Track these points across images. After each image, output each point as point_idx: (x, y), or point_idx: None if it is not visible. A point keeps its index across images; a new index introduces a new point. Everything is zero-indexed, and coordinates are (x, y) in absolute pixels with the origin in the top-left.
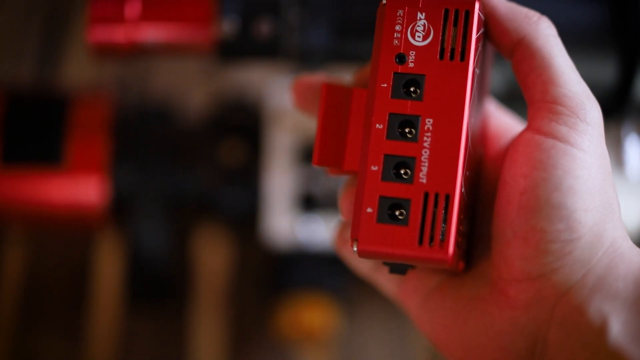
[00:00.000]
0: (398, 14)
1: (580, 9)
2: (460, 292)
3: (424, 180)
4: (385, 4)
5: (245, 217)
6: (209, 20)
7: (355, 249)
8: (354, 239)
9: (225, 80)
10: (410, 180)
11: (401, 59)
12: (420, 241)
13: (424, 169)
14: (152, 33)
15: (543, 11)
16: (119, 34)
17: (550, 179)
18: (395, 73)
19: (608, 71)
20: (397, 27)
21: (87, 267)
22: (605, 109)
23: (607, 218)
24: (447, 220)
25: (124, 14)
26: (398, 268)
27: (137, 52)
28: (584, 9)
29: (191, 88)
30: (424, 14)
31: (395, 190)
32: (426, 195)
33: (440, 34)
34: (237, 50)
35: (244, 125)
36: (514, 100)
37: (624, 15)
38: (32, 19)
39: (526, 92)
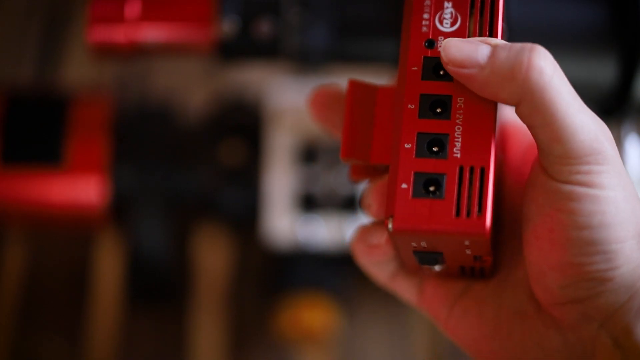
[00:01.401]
0: (425, 3)
1: (580, 9)
2: (501, 301)
3: (458, 155)
4: None
5: (245, 217)
6: (209, 20)
7: (390, 226)
8: (389, 215)
9: (225, 80)
10: (445, 155)
11: (430, 44)
12: (458, 213)
13: (458, 144)
14: (152, 33)
15: (544, 11)
16: (119, 34)
17: (577, 219)
18: (425, 57)
19: (608, 71)
20: (425, 16)
21: (87, 267)
22: (605, 109)
23: None
24: (482, 193)
25: (124, 14)
26: (429, 258)
27: (137, 52)
28: (584, 9)
29: (191, 88)
30: (450, 2)
31: (430, 165)
32: (461, 169)
33: (468, 19)
34: (237, 50)
35: (244, 125)
36: None
37: (624, 15)
38: (32, 19)
39: (535, 138)
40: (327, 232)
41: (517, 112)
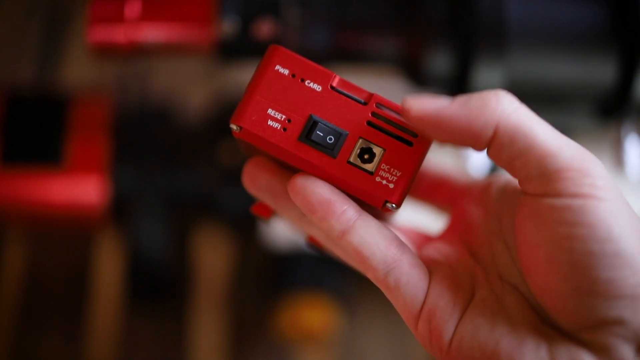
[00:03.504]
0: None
1: (581, 8)
2: (511, 319)
3: None
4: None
5: (245, 217)
6: (209, 20)
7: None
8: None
9: (225, 80)
10: None
11: None
12: None
13: None
14: (152, 33)
15: (544, 11)
16: (119, 34)
17: (597, 233)
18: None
19: (608, 71)
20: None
21: (87, 267)
22: (605, 109)
23: None
24: None
25: (124, 14)
26: (315, 133)
27: (137, 52)
28: (584, 8)
29: (191, 88)
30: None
31: None
32: None
33: None
34: (237, 50)
35: None
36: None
37: (624, 15)
38: (32, 19)
39: (517, 173)
40: None
41: (493, 147)
